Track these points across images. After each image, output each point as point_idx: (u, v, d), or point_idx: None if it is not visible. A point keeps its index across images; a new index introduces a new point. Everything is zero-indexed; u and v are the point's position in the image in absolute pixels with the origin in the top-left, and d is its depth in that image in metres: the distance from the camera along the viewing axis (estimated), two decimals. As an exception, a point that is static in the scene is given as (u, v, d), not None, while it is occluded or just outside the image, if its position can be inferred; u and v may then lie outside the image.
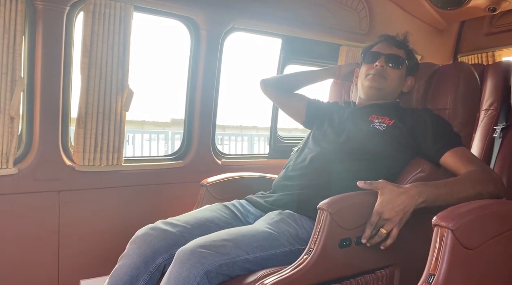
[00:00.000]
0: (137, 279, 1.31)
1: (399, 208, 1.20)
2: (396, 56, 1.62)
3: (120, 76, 1.70)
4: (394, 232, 1.22)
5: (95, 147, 1.70)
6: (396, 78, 1.62)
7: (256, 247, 1.23)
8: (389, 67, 1.61)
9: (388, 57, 1.61)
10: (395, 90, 1.65)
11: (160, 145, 8.10)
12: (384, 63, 1.61)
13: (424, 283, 1.00)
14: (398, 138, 1.49)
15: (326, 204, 1.24)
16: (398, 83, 1.64)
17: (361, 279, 1.33)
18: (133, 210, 1.83)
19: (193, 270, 1.13)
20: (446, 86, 1.63)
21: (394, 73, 1.61)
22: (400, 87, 1.66)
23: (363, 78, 1.65)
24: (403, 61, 1.63)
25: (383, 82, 1.61)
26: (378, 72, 1.60)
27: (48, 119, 1.64)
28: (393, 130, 1.50)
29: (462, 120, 1.58)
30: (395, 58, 1.61)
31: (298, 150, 1.71)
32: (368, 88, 1.62)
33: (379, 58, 1.61)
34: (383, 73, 1.60)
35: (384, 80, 1.60)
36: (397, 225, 1.21)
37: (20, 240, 1.61)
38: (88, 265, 1.74)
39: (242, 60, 2.22)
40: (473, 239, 1.03)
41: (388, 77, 1.61)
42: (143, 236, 1.34)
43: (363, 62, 1.68)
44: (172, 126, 9.85)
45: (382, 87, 1.61)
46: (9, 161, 1.55)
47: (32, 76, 1.61)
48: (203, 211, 1.50)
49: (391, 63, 1.61)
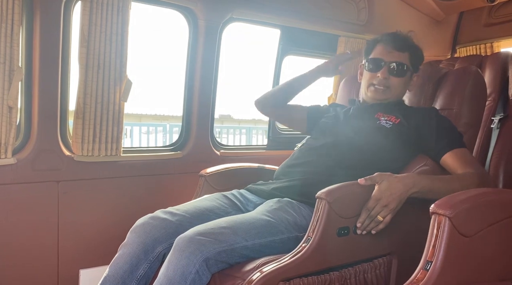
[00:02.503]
0: (137, 268, 1.32)
1: (396, 195, 1.24)
2: (400, 64, 1.57)
3: (118, 67, 1.70)
4: (388, 218, 1.26)
5: (93, 137, 1.70)
6: (400, 86, 1.61)
7: (255, 234, 1.24)
8: (392, 76, 1.58)
9: (391, 66, 1.57)
10: (400, 95, 1.65)
11: (159, 138, 8.10)
12: (387, 73, 1.58)
13: (421, 270, 1.01)
14: (403, 136, 1.51)
15: (324, 193, 1.25)
16: (403, 89, 1.64)
17: (359, 267, 1.34)
18: (132, 200, 1.83)
19: (192, 257, 1.14)
20: (454, 88, 1.66)
21: (398, 81, 1.59)
22: (405, 89, 1.66)
23: (366, 86, 1.64)
24: (407, 68, 1.59)
25: (387, 93, 1.60)
26: (381, 83, 1.58)
27: (47, 109, 1.64)
28: (399, 128, 1.52)
29: (468, 120, 1.62)
30: (399, 67, 1.57)
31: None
32: (371, 98, 1.63)
33: (382, 68, 1.58)
34: (387, 83, 1.59)
35: (387, 90, 1.59)
36: (392, 211, 1.25)
37: (19, 230, 1.61)
38: (88, 255, 1.75)
39: (239, 54, 2.23)
40: (470, 227, 1.05)
41: (392, 87, 1.59)
42: (143, 225, 1.35)
43: (365, 68, 1.65)
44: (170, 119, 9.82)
45: (387, 97, 1.61)
46: (8, 151, 1.55)
47: (30, 66, 1.60)
48: (202, 201, 1.50)
49: (395, 72, 1.57)
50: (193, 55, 2.01)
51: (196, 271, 1.14)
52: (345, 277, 1.30)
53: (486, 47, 2.65)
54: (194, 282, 1.14)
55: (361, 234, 1.29)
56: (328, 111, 1.80)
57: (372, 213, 1.25)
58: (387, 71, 1.57)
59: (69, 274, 1.72)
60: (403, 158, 1.51)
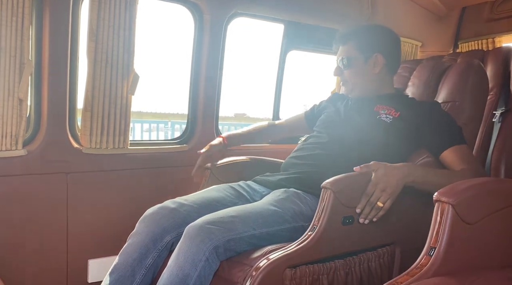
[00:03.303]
0: (146, 256, 1.35)
1: (393, 180, 1.28)
2: (343, 58, 1.62)
3: (126, 60, 1.72)
4: (388, 204, 1.29)
5: (101, 130, 1.73)
6: (355, 76, 1.64)
7: (262, 223, 1.28)
8: (345, 71, 1.64)
9: (339, 63, 1.65)
10: (367, 81, 1.64)
11: (160, 136, 8.10)
12: (338, 71, 1.66)
13: (425, 256, 1.04)
14: (403, 130, 1.52)
15: (329, 183, 1.28)
16: (362, 76, 1.63)
17: (363, 255, 1.37)
18: (140, 192, 1.86)
19: (202, 245, 1.17)
20: (456, 81, 1.69)
21: (349, 73, 1.64)
22: (369, 74, 1.62)
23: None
24: (351, 59, 1.61)
25: (348, 87, 1.67)
26: (341, 80, 1.70)
27: (56, 102, 1.66)
28: (399, 122, 1.53)
29: (470, 113, 1.64)
30: (343, 61, 1.62)
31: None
32: (348, 95, 1.71)
33: (335, 67, 1.67)
34: (343, 79, 1.67)
35: (347, 84, 1.67)
36: (391, 197, 1.29)
37: (29, 220, 1.64)
38: (96, 245, 1.78)
39: (251, 53, 2.25)
40: (473, 214, 1.07)
41: (348, 80, 1.65)
42: (152, 215, 1.38)
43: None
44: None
45: (351, 89, 1.67)
46: (18, 142, 1.58)
47: (40, 60, 1.63)
48: (210, 192, 1.53)
49: (342, 66, 1.64)
50: (199, 50, 2.04)
51: (206, 258, 1.17)
52: (350, 265, 1.33)
53: (488, 43, 2.67)
54: (204, 269, 1.17)
55: (364, 223, 1.32)
56: (327, 107, 1.82)
57: (372, 199, 1.28)
58: (338, 69, 1.65)
59: (78, 264, 1.75)
60: (403, 152, 1.53)
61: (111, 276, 1.35)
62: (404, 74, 1.96)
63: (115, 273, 1.34)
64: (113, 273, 1.35)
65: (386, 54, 1.62)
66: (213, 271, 1.21)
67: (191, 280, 1.16)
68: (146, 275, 1.34)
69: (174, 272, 1.18)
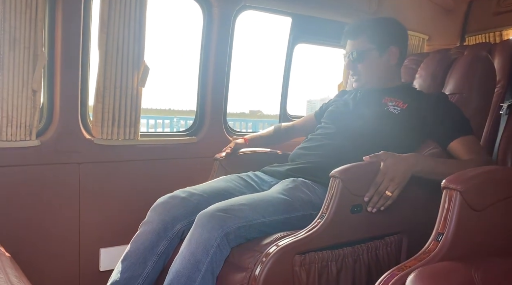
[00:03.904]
0: (157, 244, 1.38)
1: (401, 170, 1.31)
2: (356, 52, 1.62)
3: (137, 52, 1.75)
4: (396, 193, 1.31)
5: (112, 121, 1.75)
6: (369, 69, 1.64)
7: (272, 211, 1.30)
8: (358, 64, 1.64)
9: (350, 56, 1.64)
10: (381, 74, 1.65)
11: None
12: (351, 64, 1.65)
13: (433, 241, 1.06)
14: (411, 121, 1.54)
15: (338, 172, 1.31)
16: (377, 68, 1.64)
17: (371, 244, 1.39)
18: (150, 182, 1.89)
19: (213, 232, 1.20)
20: (464, 73, 1.69)
21: (363, 67, 1.64)
22: (384, 66, 1.64)
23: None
24: (363, 52, 1.61)
25: (360, 80, 1.67)
26: (352, 74, 1.68)
27: (68, 94, 1.69)
28: (407, 113, 1.55)
29: (477, 105, 1.65)
30: (357, 55, 1.62)
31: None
32: (355, 88, 1.71)
33: (346, 62, 1.67)
34: (355, 72, 1.66)
35: (360, 78, 1.66)
36: (399, 186, 1.31)
37: (42, 209, 1.67)
38: (108, 235, 1.81)
39: (253, 51, 2.27)
40: (480, 201, 1.09)
41: (362, 73, 1.65)
42: (163, 204, 1.41)
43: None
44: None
45: (364, 83, 1.66)
46: (32, 133, 1.61)
47: (53, 51, 1.66)
48: (219, 182, 1.56)
49: (355, 60, 1.64)
50: (207, 43, 2.06)
51: (217, 244, 1.20)
52: (358, 253, 1.36)
53: (495, 36, 2.67)
54: (215, 255, 1.20)
55: (372, 212, 1.34)
56: (335, 100, 1.85)
57: (381, 188, 1.30)
58: (350, 62, 1.65)
59: (90, 252, 1.78)
60: (411, 143, 1.55)
61: (123, 263, 1.38)
62: (411, 66, 1.97)
63: (127, 261, 1.38)
64: (125, 260, 1.38)
65: (400, 46, 1.65)
66: (224, 257, 1.23)
67: (203, 265, 1.19)
68: (157, 262, 1.37)
69: (186, 257, 1.21)
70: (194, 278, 1.18)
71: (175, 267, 1.23)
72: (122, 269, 1.37)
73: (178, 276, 1.20)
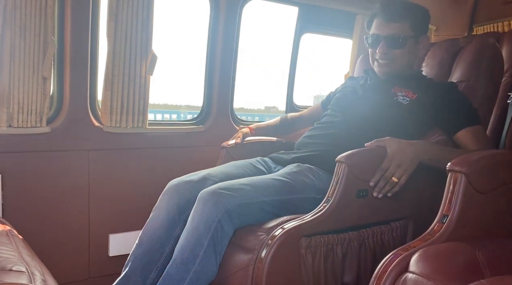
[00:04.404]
0: (173, 228, 1.39)
1: (409, 156, 1.31)
2: (397, 36, 1.54)
3: (144, 40, 1.76)
4: (403, 180, 1.31)
5: (121, 109, 1.77)
6: (404, 57, 1.59)
7: (273, 192, 1.32)
8: (392, 49, 1.57)
9: (388, 40, 1.56)
10: (409, 62, 1.64)
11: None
12: (385, 47, 1.56)
13: (438, 223, 1.07)
14: (420, 112, 1.54)
15: (344, 157, 1.32)
16: (409, 56, 1.61)
17: (376, 228, 1.40)
18: (157, 170, 1.91)
19: (215, 208, 1.23)
20: (471, 60, 1.68)
21: (400, 53, 1.57)
22: (414, 55, 1.64)
23: (371, 62, 1.67)
24: (407, 37, 1.55)
25: (390, 66, 1.60)
26: (383, 58, 1.59)
27: (77, 81, 1.71)
28: (415, 104, 1.55)
29: (483, 93, 1.64)
30: (397, 39, 1.55)
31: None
32: (379, 73, 1.65)
33: (380, 43, 1.57)
34: (388, 57, 1.58)
35: (391, 63, 1.59)
36: (406, 173, 1.31)
37: (53, 195, 1.70)
38: (116, 221, 1.84)
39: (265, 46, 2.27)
40: (485, 184, 1.10)
41: (395, 59, 1.58)
42: (176, 187, 1.43)
43: (367, 44, 1.66)
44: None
45: (391, 70, 1.61)
46: (43, 120, 1.63)
47: (62, 39, 1.68)
48: (230, 166, 1.58)
49: (393, 45, 1.56)
50: (214, 32, 2.07)
51: (218, 220, 1.22)
52: (363, 237, 1.37)
53: (504, 26, 2.64)
54: (217, 231, 1.22)
55: (378, 197, 1.35)
56: (343, 88, 1.83)
57: (387, 174, 1.31)
58: (385, 45, 1.56)
59: (99, 238, 1.81)
60: (417, 132, 1.54)
61: (139, 248, 1.39)
62: (418, 55, 1.96)
63: (143, 246, 1.39)
64: (140, 245, 1.39)
65: (428, 36, 1.64)
66: (227, 236, 1.26)
67: (205, 240, 1.21)
68: (174, 245, 1.36)
69: (189, 233, 1.24)
70: (197, 252, 1.21)
71: (180, 243, 1.26)
72: (139, 254, 1.38)
73: (182, 251, 1.23)
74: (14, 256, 1.02)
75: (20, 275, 0.90)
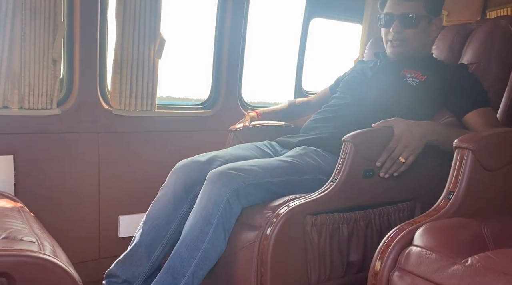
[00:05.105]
0: (180, 206, 1.40)
1: (416, 137, 1.30)
2: (410, 16, 1.52)
3: (153, 24, 1.77)
4: (410, 159, 1.31)
5: (130, 92, 1.79)
6: (416, 37, 1.56)
7: (281, 172, 1.33)
8: (405, 29, 1.54)
9: (401, 19, 1.53)
10: (421, 44, 1.61)
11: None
12: (399, 27, 1.54)
13: (443, 199, 1.07)
14: (429, 93, 1.52)
15: (350, 137, 1.32)
16: (422, 37, 1.59)
17: (383, 209, 1.40)
18: (166, 153, 1.93)
19: (223, 188, 1.24)
20: (482, 42, 1.65)
21: (413, 33, 1.55)
22: (427, 37, 1.62)
23: (384, 43, 1.65)
24: (421, 17, 1.54)
25: (403, 46, 1.58)
26: (395, 38, 1.56)
27: (87, 64, 1.74)
28: (425, 86, 1.53)
29: (495, 75, 1.62)
30: (409, 19, 1.52)
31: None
32: (391, 53, 1.63)
33: (393, 22, 1.55)
34: (401, 37, 1.56)
35: (403, 43, 1.57)
36: (413, 153, 1.30)
37: (63, 176, 1.73)
38: (126, 203, 1.87)
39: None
40: (493, 161, 1.09)
41: (407, 39, 1.56)
42: (183, 167, 1.44)
43: (380, 24, 1.64)
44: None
45: (404, 50, 1.59)
46: (53, 102, 1.66)
47: (72, 22, 1.70)
48: (237, 149, 1.59)
49: (406, 24, 1.54)
50: (222, 16, 2.07)
51: (227, 199, 1.23)
52: (370, 217, 1.37)
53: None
54: (225, 210, 1.23)
55: (384, 177, 1.35)
56: (352, 70, 1.82)
57: (394, 154, 1.30)
58: (399, 24, 1.54)
59: (109, 219, 1.84)
60: (426, 115, 1.52)
61: (146, 225, 1.41)
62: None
63: (149, 223, 1.41)
64: (147, 222, 1.41)
65: (441, 19, 1.61)
66: (235, 215, 1.27)
67: (214, 219, 1.23)
68: (180, 224, 1.39)
69: (198, 212, 1.25)
70: (206, 231, 1.23)
71: (189, 223, 1.27)
72: (145, 230, 1.40)
73: (191, 230, 1.24)
74: (25, 228, 1.05)
75: (30, 244, 0.93)
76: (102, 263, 1.85)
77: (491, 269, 0.77)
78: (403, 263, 0.91)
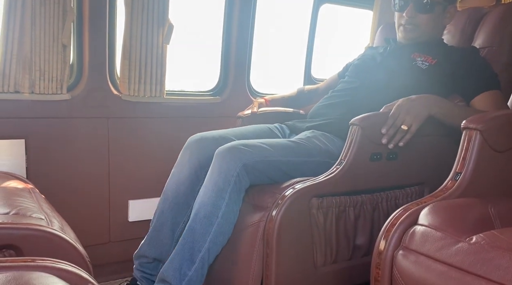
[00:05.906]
0: (197, 182, 1.40)
1: (418, 105, 1.30)
2: (425, 1, 1.52)
3: (161, 9, 1.78)
4: (413, 127, 1.29)
5: (139, 78, 1.80)
6: (430, 22, 1.56)
7: (290, 152, 1.33)
8: (419, 13, 1.54)
9: (416, 3, 1.53)
10: (433, 30, 1.60)
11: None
12: (413, 11, 1.54)
13: (450, 180, 1.06)
14: (439, 77, 1.50)
15: (358, 120, 1.31)
16: (435, 24, 1.58)
17: (390, 193, 1.40)
18: (174, 139, 1.92)
19: (232, 162, 1.24)
20: (495, 25, 1.63)
21: (427, 18, 1.54)
22: (440, 24, 1.61)
23: (397, 27, 1.64)
24: (434, 3, 1.53)
25: (416, 31, 1.57)
26: (409, 22, 1.56)
27: (96, 50, 1.75)
28: (435, 69, 1.52)
29: (508, 59, 1.59)
30: (424, 4, 1.52)
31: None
32: (403, 38, 1.62)
33: (407, 7, 1.54)
34: (414, 21, 1.55)
35: (417, 28, 1.56)
36: (416, 120, 1.29)
37: (74, 161, 1.76)
38: (135, 187, 1.89)
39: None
40: (502, 143, 1.07)
41: (421, 24, 1.55)
42: (196, 143, 1.45)
43: (393, 8, 1.63)
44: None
45: (417, 36, 1.58)
46: (63, 87, 1.68)
47: (81, 7, 1.71)
48: (248, 128, 1.60)
49: (421, 9, 1.53)
50: (231, 3, 2.06)
51: (237, 174, 1.24)
52: (377, 201, 1.37)
53: (535, -6, 2.52)
54: (235, 185, 1.25)
55: (394, 161, 1.33)
56: (361, 55, 1.81)
57: (397, 122, 1.29)
58: (413, 9, 1.53)
59: (119, 204, 1.87)
60: None
61: (165, 202, 1.42)
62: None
63: (169, 200, 1.42)
64: (166, 200, 1.42)
65: (455, 7, 1.60)
66: (244, 188, 1.28)
67: (226, 193, 1.24)
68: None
69: (209, 188, 1.26)
70: (219, 205, 1.24)
71: (200, 199, 1.28)
72: (166, 208, 1.42)
73: (204, 205, 1.25)
74: (34, 206, 1.07)
75: (39, 220, 0.95)
76: (112, 247, 1.89)
77: (496, 246, 0.76)
78: (408, 242, 0.91)
